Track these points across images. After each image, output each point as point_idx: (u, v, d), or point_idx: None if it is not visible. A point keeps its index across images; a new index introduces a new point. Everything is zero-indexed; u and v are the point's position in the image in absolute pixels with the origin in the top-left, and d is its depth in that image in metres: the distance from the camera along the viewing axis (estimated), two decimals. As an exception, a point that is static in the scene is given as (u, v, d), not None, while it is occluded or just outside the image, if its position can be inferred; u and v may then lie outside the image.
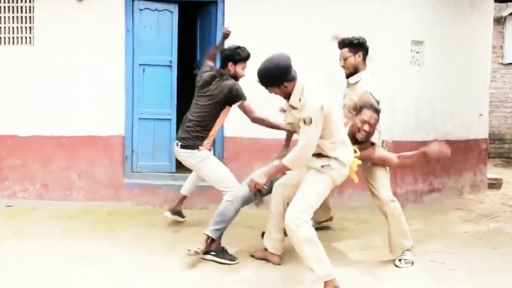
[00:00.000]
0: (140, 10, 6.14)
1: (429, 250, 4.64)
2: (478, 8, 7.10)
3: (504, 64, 11.20)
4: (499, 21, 10.88)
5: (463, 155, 7.04)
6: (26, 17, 6.10)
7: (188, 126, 4.46)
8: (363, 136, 4.06)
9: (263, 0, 6.02)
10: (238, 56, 4.45)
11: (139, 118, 6.20)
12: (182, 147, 4.44)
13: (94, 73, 6.07)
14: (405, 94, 6.15)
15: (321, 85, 3.75)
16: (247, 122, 6.02)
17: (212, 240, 4.13)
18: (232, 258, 4.18)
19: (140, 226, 5.19)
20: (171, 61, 6.26)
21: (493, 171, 8.66)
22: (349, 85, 4.55)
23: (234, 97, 4.41)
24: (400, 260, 4.22)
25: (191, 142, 4.41)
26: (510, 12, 10.78)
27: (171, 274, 3.91)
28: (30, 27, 6.11)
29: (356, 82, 4.44)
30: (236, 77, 4.49)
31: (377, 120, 4.10)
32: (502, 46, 11.13)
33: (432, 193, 6.59)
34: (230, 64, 4.45)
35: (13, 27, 6.12)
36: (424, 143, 6.33)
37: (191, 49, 6.93)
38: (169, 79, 6.27)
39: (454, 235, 5.25)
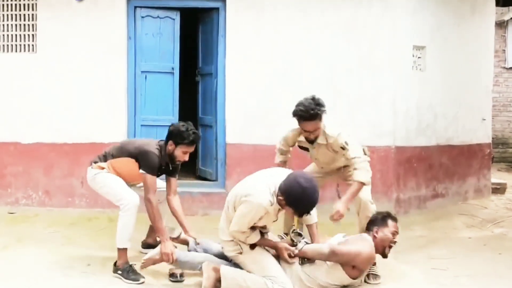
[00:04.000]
0: (142, 17, 6.15)
1: (433, 256, 4.62)
2: (480, 13, 7.10)
3: (506, 68, 11.19)
4: (501, 25, 10.87)
5: (466, 160, 7.01)
6: (28, 25, 6.12)
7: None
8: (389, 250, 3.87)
9: (263, 7, 6.02)
10: (183, 139, 3.97)
11: (141, 125, 6.20)
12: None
13: (97, 80, 6.08)
14: (406, 99, 6.14)
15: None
16: (248, 128, 6.06)
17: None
18: (137, 277, 3.89)
19: (142, 232, 5.16)
20: (173, 68, 6.27)
21: (497, 176, 8.63)
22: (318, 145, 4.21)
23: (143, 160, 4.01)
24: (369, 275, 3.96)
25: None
26: (511, 16, 10.77)
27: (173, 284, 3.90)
28: (32, 35, 6.13)
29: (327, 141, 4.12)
30: (172, 158, 4.09)
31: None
32: (504, 50, 11.12)
33: (436, 199, 6.56)
34: (170, 143, 4.03)
35: (15, 35, 6.14)
36: (427, 148, 6.36)
37: (193, 56, 6.94)
38: (171, 86, 6.27)
39: (458, 240, 5.22)
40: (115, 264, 4.00)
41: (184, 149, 4.02)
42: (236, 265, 3.70)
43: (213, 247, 4.03)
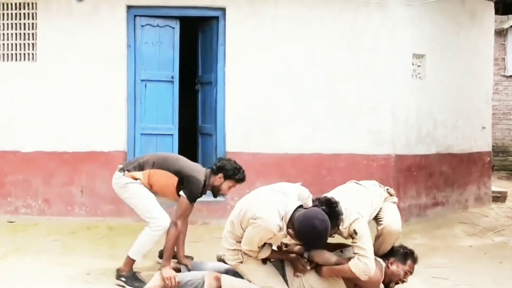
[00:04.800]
0: (142, 26, 6.17)
1: (433, 264, 4.60)
2: (479, 21, 7.12)
3: (506, 76, 11.19)
4: (501, 33, 10.88)
5: (466, 168, 7.01)
6: (28, 34, 6.14)
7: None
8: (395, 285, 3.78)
9: (263, 16, 6.05)
10: (235, 175, 4.06)
11: (141, 134, 6.19)
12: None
13: (96, 89, 6.08)
14: (406, 107, 6.15)
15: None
16: (248, 137, 6.06)
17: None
18: (141, 284, 3.93)
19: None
20: (172, 77, 6.28)
21: (497, 184, 8.61)
22: None
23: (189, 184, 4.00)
24: None
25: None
26: (511, 25, 10.79)
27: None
28: (32, 44, 6.14)
29: None
30: (217, 190, 4.13)
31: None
32: (504, 58, 11.13)
33: (436, 207, 6.55)
34: (220, 175, 4.07)
35: (15, 44, 6.15)
36: (427, 157, 6.36)
37: (193, 64, 6.95)
38: (171, 94, 6.28)
39: (458, 249, 5.21)
40: (118, 270, 3.99)
41: (232, 184, 4.10)
42: (237, 275, 3.69)
43: (208, 266, 3.99)
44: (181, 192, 3.96)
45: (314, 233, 3.19)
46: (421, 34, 6.31)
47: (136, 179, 4.05)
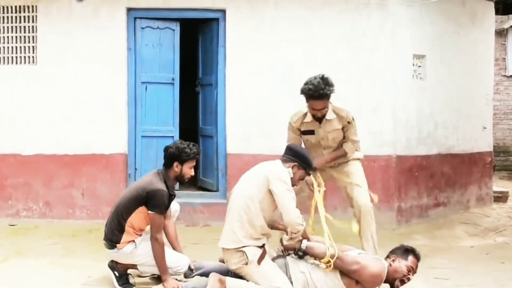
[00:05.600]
0: (142, 28, 6.18)
1: (434, 265, 4.59)
2: (479, 21, 7.11)
3: (507, 76, 11.19)
4: (501, 33, 10.88)
5: (467, 169, 7.00)
6: (28, 36, 6.15)
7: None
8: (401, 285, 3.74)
9: (263, 17, 6.05)
10: (188, 155, 3.94)
11: (142, 136, 6.20)
12: None
13: (97, 91, 6.09)
14: (407, 108, 6.14)
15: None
16: (248, 138, 6.06)
17: None
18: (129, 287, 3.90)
19: None
20: (173, 79, 6.29)
21: (498, 184, 8.60)
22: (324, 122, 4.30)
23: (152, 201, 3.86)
24: None
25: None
26: (511, 25, 10.79)
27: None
28: (33, 47, 6.15)
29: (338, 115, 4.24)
30: (181, 178, 4.03)
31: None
32: (504, 59, 11.13)
33: (437, 208, 6.54)
34: (176, 164, 3.95)
35: (16, 47, 6.16)
36: (428, 157, 6.35)
37: (193, 66, 6.95)
38: (171, 96, 6.29)
39: (459, 249, 5.20)
40: (113, 262, 3.95)
41: (190, 164, 3.99)
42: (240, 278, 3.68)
43: (209, 265, 3.96)
44: (149, 211, 3.82)
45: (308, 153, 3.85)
46: (421, 34, 6.30)
47: (131, 242, 3.89)
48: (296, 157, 3.74)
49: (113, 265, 3.95)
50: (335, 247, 3.59)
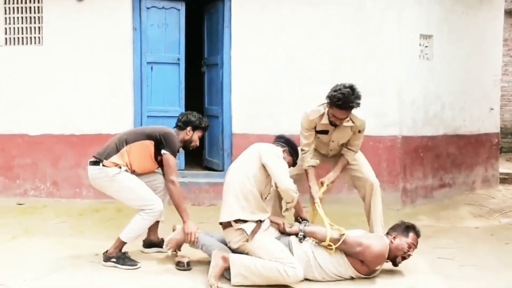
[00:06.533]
0: (147, 8, 6.16)
1: (439, 245, 4.61)
2: (488, 1, 7.03)
3: (516, 57, 11.07)
4: (510, 13, 10.72)
5: (474, 150, 6.98)
6: (34, 17, 6.15)
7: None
8: (402, 260, 3.80)
9: (269, -3, 6.01)
10: (201, 124, 4.25)
11: (148, 116, 6.22)
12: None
13: (103, 71, 6.10)
14: (413, 89, 6.10)
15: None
16: (254, 118, 6.06)
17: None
18: (133, 263, 3.98)
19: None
20: (178, 59, 6.28)
21: (505, 166, 8.57)
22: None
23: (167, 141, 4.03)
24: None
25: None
26: (521, 5, 10.64)
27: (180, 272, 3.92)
28: (39, 27, 6.16)
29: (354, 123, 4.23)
30: (189, 144, 4.25)
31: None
32: (513, 39, 10.99)
33: (443, 189, 6.54)
34: (189, 128, 4.21)
35: (22, 28, 6.17)
36: (434, 138, 6.33)
37: (199, 46, 6.93)
38: (177, 76, 6.29)
39: (464, 230, 5.21)
40: (105, 253, 3.99)
41: (200, 133, 4.28)
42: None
43: (212, 243, 3.98)
44: (163, 151, 3.97)
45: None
46: (428, 14, 6.23)
47: (118, 166, 3.96)
48: (287, 144, 3.99)
49: (106, 257, 3.98)
50: (338, 231, 3.65)
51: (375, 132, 5.87)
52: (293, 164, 4.05)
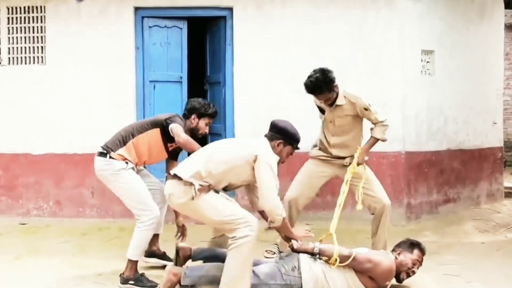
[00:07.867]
0: (150, 27, 6.20)
1: (445, 261, 4.57)
2: (488, 16, 7.06)
3: (517, 71, 11.09)
4: (511, 27, 10.78)
5: (478, 164, 6.96)
6: (37, 37, 6.19)
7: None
8: (406, 277, 3.80)
9: (271, 15, 6.04)
10: (207, 110, 4.19)
11: (151, 134, 6.21)
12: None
13: (106, 90, 6.12)
14: (416, 104, 6.11)
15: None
16: (257, 136, 6.03)
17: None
18: (152, 284, 3.87)
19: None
20: (181, 77, 6.30)
21: (509, 180, 8.54)
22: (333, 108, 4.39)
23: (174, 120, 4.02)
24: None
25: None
26: (521, 19, 10.69)
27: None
28: (42, 47, 6.20)
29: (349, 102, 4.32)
30: (196, 131, 4.19)
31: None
32: (514, 53, 11.03)
33: (448, 204, 6.50)
34: (194, 116, 4.18)
35: (25, 47, 6.21)
36: (437, 153, 6.31)
37: (201, 64, 6.96)
38: (180, 95, 6.30)
39: (470, 246, 5.17)
40: (122, 275, 3.93)
41: (207, 120, 4.21)
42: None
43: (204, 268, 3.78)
44: (171, 125, 3.93)
45: (292, 125, 3.76)
46: (430, 30, 6.26)
47: (125, 160, 3.95)
48: (280, 133, 3.69)
49: (124, 279, 3.89)
50: (349, 250, 3.61)
51: (379, 148, 5.81)
52: (295, 148, 3.77)
